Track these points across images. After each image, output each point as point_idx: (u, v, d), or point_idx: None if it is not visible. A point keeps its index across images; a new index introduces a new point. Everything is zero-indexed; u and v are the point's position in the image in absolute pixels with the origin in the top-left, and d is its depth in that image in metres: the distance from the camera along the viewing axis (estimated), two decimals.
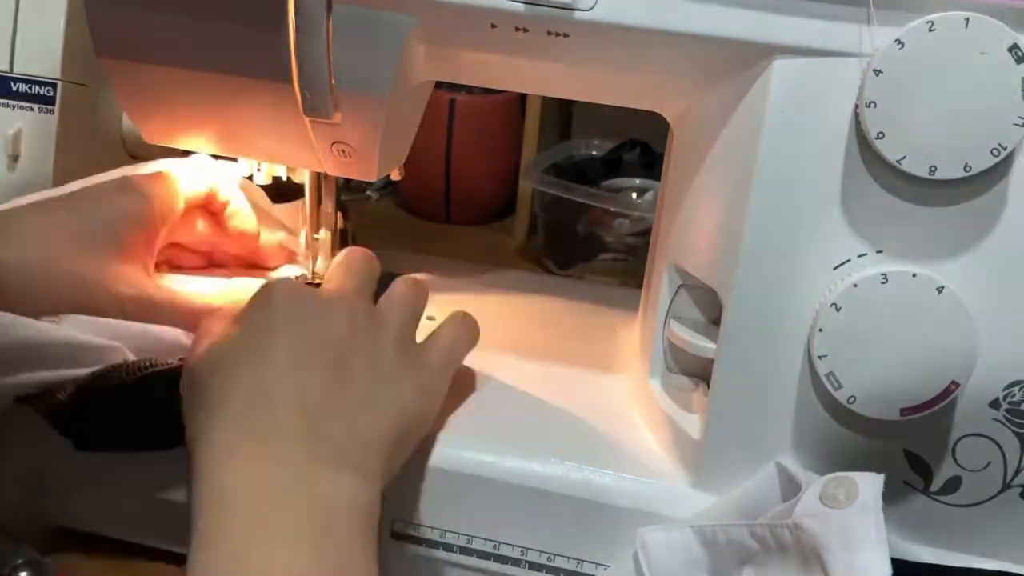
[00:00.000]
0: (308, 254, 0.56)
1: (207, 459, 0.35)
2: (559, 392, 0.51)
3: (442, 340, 0.46)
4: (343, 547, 0.34)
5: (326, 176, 0.53)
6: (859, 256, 0.39)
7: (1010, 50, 0.35)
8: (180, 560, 0.48)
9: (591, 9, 0.39)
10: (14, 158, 0.59)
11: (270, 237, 0.56)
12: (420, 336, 0.46)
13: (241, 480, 0.34)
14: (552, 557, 0.44)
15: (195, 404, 0.38)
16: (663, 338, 0.48)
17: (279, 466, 0.35)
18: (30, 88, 0.58)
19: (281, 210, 0.58)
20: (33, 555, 0.44)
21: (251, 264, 0.57)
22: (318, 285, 0.54)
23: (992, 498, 0.41)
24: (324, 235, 0.55)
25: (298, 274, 0.56)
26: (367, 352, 0.40)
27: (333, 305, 0.41)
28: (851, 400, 0.39)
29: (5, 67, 0.59)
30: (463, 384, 0.50)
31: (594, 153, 0.88)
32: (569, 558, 0.44)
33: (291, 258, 0.58)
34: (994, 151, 0.36)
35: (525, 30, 0.41)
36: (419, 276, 0.47)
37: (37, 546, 0.47)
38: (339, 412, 0.38)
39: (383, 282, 0.59)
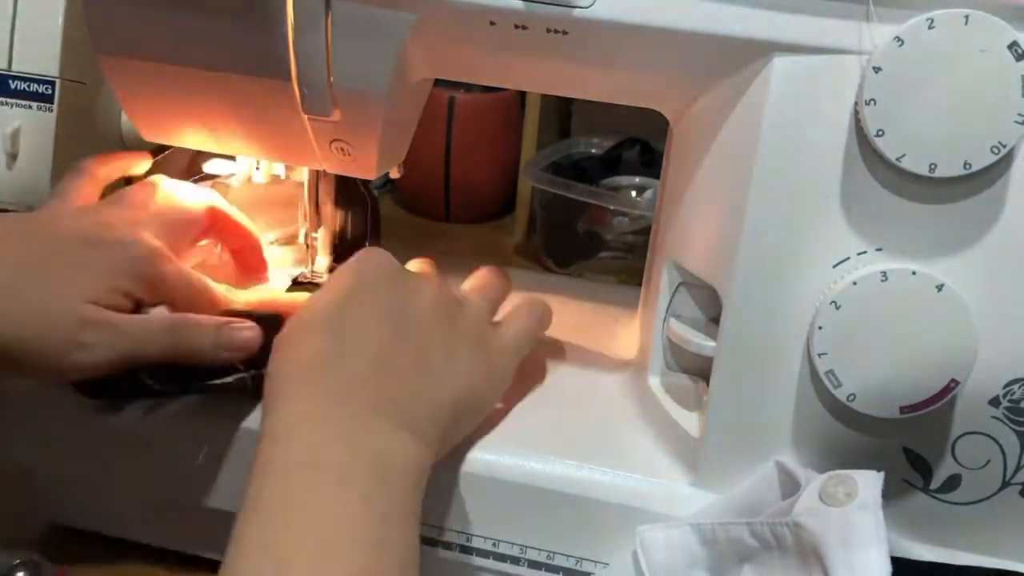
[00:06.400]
0: (308, 253, 0.56)
1: (272, 398, 0.37)
2: (558, 390, 0.51)
3: (513, 328, 0.47)
4: (392, 501, 0.34)
5: (325, 174, 0.53)
6: (859, 254, 0.39)
7: (1010, 47, 0.35)
8: (179, 560, 0.49)
9: (590, 7, 0.39)
10: (13, 156, 0.59)
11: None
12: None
13: (302, 417, 0.36)
14: (551, 555, 0.44)
15: (275, 363, 0.39)
16: (662, 336, 0.48)
17: (340, 412, 0.36)
18: (29, 86, 0.58)
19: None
20: (31, 555, 0.44)
21: (245, 275, 0.55)
22: (319, 285, 0.54)
23: (992, 496, 0.41)
24: (323, 233, 0.55)
25: (296, 273, 0.56)
26: (444, 329, 0.42)
27: (419, 281, 0.43)
28: (851, 398, 0.39)
29: (3, 65, 0.59)
30: None
31: (593, 151, 0.88)
32: (568, 556, 0.44)
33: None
34: (994, 149, 0.36)
35: (524, 28, 0.41)
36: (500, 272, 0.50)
37: (34, 546, 0.47)
38: (408, 377, 0.39)
39: None
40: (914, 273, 0.38)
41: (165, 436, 0.45)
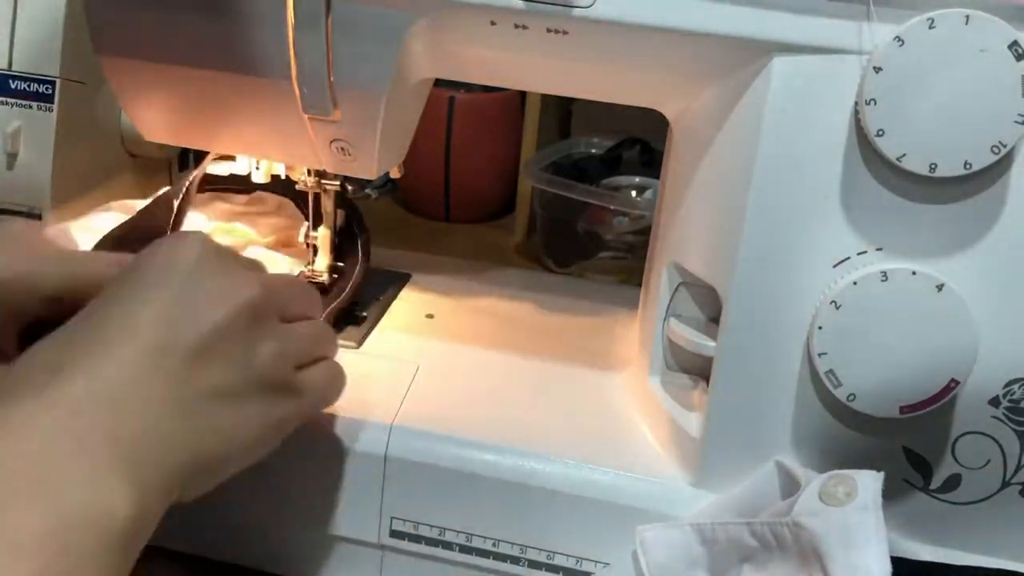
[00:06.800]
0: (308, 252, 0.56)
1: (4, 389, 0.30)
2: (558, 390, 0.51)
3: (317, 380, 0.39)
4: (74, 572, 0.27)
5: (325, 174, 0.53)
6: (859, 254, 0.39)
7: (1010, 47, 0.35)
8: (179, 559, 0.49)
9: (590, 7, 0.39)
10: (13, 156, 0.59)
11: None
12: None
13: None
14: (551, 555, 0.44)
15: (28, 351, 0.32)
16: (663, 336, 0.48)
17: (38, 450, 0.28)
18: (29, 86, 0.58)
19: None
20: None
21: None
22: (319, 284, 0.54)
23: (992, 496, 0.41)
24: (323, 232, 0.55)
25: (297, 271, 0.56)
26: (241, 358, 0.34)
27: (235, 283, 0.35)
28: (851, 398, 0.39)
29: (4, 64, 0.59)
30: (463, 383, 0.50)
31: (593, 151, 0.88)
32: (568, 556, 0.44)
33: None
34: (994, 149, 0.36)
35: (524, 27, 0.41)
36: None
37: None
38: (157, 409, 0.31)
39: (381, 281, 0.60)
40: (914, 273, 0.38)
41: None
